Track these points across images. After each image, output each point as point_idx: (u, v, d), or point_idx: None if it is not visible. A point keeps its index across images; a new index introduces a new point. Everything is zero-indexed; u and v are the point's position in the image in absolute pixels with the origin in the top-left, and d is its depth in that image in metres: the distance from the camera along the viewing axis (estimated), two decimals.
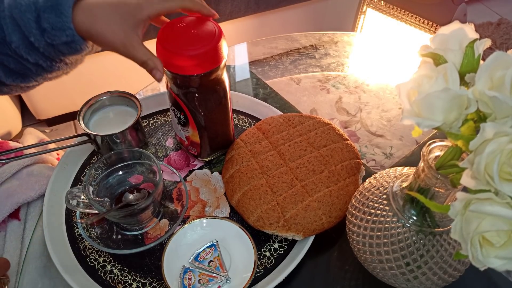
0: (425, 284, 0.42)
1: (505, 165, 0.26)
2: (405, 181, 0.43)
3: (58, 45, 0.45)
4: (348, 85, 0.81)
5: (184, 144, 0.62)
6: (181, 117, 0.56)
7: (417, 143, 0.70)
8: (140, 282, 0.50)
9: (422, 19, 1.25)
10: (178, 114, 0.56)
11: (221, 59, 0.49)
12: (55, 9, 0.43)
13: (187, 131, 0.58)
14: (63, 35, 0.44)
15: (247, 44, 0.93)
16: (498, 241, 0.27)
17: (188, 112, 0.54)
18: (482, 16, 2.19)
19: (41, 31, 0.43)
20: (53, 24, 0.43)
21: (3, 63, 0.46)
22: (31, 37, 0.44)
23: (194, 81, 0.50)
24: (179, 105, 0.54)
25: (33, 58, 0.46)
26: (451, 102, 0.29)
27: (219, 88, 0.54)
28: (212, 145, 0.60)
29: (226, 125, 0.60)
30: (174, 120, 0.59)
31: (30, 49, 0.45)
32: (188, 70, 0.48)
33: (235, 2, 1.39)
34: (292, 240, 0.54)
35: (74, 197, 0.51)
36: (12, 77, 0.48)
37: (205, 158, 0.63)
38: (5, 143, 0.67)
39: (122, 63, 0.91)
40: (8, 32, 0.44)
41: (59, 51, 0.46)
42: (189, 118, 0.55)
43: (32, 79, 0.50)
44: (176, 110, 0.56)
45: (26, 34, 0.44)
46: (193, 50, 0.47)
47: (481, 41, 0.31)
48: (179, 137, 0.62)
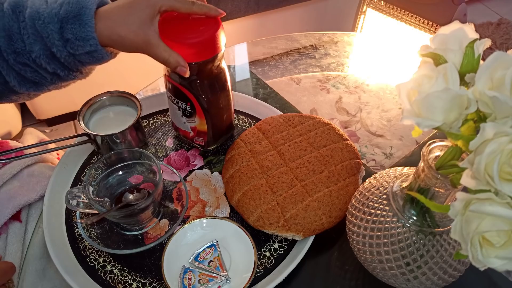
0: (425, 284, 0.42)
1: (505, 165, 0.26)
2: (405, 181, 0.43)
3: (80, 55, 0.46)
4: (348, 85, 0.81)
5: (189, 136, 0.62)
6: (187, 107, 0.56)
7: (417, 143, 0.70)
8: (140, 282, 0.50)
9: (422, 19, 1.25)
10: (183, 106, 0.57)
11: (220, 46, 0.51)
12: (78, 19, 0.44)
13: (193, 122, 0.58)
14: (86, 45, 0.45)
15: (247, 44, 0.93)
16: (498, 241, 0.27)
17: (194, 101, 0.55)
18: (482, 16, 2.19)
19: (64, 41, 0.44)
20: (76, 34, 0.44)
21: (20, 72, 0.47)
22: (54, 47, 0.44)
23: (194, 69, 0.51)
24: (184, 96, 0.55)
25: (52, 68, 0.47)
26: (451, 102, 0.29)
27: (221, 74, 0.56)
28: (218, 131, 0.62)
29: (229, 109, 0.61)
30: (178, 113, 0.59)
31: (50, 59, 0.46)
32: (190, 58, 0.49)
33: (235, 2, 1.39)
34: (292, 240, 0.54)
35: (74, 197, 0.51)
36: (26, 86, 0.49)
37: (211, 147, 0.63)
38: (5, 143, 0.67)
39: (122, 63, 0.91)
40: (29, 42, 0.44)
41: (79, 61, 0.47)
42: (196, 107, 0.56)
43: (46, 88, 0.51)
44: (180, 102, 0.57)
45: (49, 45, 0.44)
46: (194, 38, 0.48)
47: (481, 41, 0.31)
48: (183, 130, 0.62)
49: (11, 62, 0.46)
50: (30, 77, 0.48)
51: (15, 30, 0.44)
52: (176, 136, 0.67)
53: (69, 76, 0.49)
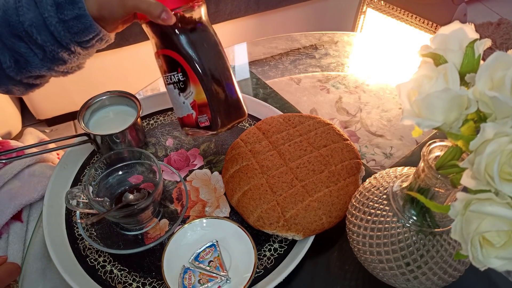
0: (425, 284, 0.42)
1: (505, 165, 0.26)
2: (405, 181, 0.43)
3: (69, 21, 0.48)
4: (348, 85, 0.81)
5: (193, 118, 0.55)
6: (179, 76, 0.52)
7: (417, 143, 0.70)
8: (140, 282, 0.50)
9: (422, 19, 1.25)
10: (175, 78, 0.53)
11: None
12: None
13: (190, 95, 0.53)
14: (75, 8, 0.47)
15: (247, 44, 0.93)
16: (498, 241, 0.27)
17: (183, 62, 0.51)
18: (482, 16, 2.19)
19: (56, 7, 0.47)
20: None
21: (13, 47, 0.49)
22: (45, 13, 0.47)
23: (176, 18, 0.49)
24: (173, 62, 0.52)
25: (42, 39, 0.48)
26: (451, 102, 0.29)
27: (207, 30, 0.52)
28: (221, 102, 0.54)
29: (229, 77, 0.54)
30: (175, 92, 0.54)
31: (42, 28, 0.48)
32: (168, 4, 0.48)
33: (235, 2, 1.39)
34: (292, 240, 0.54)
35: (74, 197, 0.51)
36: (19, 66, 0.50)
37: (220, 128, 0.54)
38: (6, 143, 0.67)
39: (122, 63, 0.91)
40: (23, 12, 0.47)
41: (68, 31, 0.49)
42: (187, 71, 0.51)
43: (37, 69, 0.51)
44: (172, 76, 0.53)
45: (41, 11, 0.47)
46: None
47: (481, 41, 0.31)
48: (186, 115, 0.56)
49: (5, 36, 0.48)
50: (23, 52, 0.49)
51: (11, 4, 0.47)
52: (176, 136, 0.67)
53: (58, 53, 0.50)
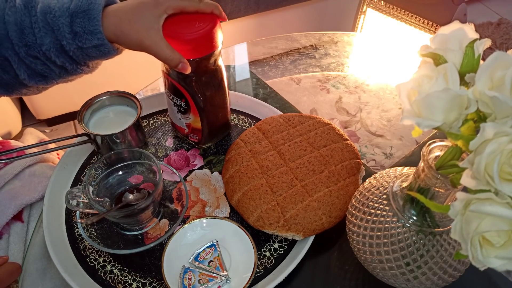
0: (425, 284, 0.42)
1: (505, 165, 0.26)
2: (405, 181, 0.43)
3: (88, 48, 0.48)
4: (348, 85, 0.81)
5: (184, 132, 0.63)
6: (182, 104, 0.57)
7: (417, 143, 0.70)
8: (140, 282, 0.50)
9: (422, 19, 1.25)
10: (178, 102, 0.57)
11: (217, 43, 0.51)
12: (87, 14, 0.47)
13: (187, 118, 0.59)
14: (94, 39, 0.47)
15: (247, 44, 0.93)
16: (498, 241, 0.27)
17: (189, 98, 0.55)
18: (482, 16, 2.19)
19: (73, 34, 0.47)
20: (85, 28, 0.47)
21: (30, 65, 0.49)
22: (63, 40, 0.47)
23: (192, 66, 0.51)
24: (179, 92, 0.55)
25: (61, 61, 0.49)
26: (451, 102, 0.29)
27: (217, 72, 0.56)
28: (213, 129, 0.62)
29: (225, 107, 0.61)
30: (174, 109, 0.60)
31: (60, 52, 0.48)
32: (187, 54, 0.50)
33: (235, 2, 1.39)
34: (292, 240, 0.54)
35: (74, 197, 0.51)
36: (35, 79, 0.51)
37: (206, 145, 0.64)
38: (7, 143, 0.67)
39: (122, 63, 0.91)
40: (40, 35, 0.47)
41: (86, 55, 0.49)
42: (190, 104, 0.56)
43: (54, 81, 0.53)
44: (176, 98, 0.57)
45: (59, 38, 0.47)
46: (190, 35, 0.48)
47: (481, 41, 0.31)
48: (179, 126, 0.63)
49: (22, 55, 0.48)
50: (40, 70, 0.50)
51: (26, 24, 0.47)
52: (176, 136, 0.67)
53: (77, 69, 0.51)
